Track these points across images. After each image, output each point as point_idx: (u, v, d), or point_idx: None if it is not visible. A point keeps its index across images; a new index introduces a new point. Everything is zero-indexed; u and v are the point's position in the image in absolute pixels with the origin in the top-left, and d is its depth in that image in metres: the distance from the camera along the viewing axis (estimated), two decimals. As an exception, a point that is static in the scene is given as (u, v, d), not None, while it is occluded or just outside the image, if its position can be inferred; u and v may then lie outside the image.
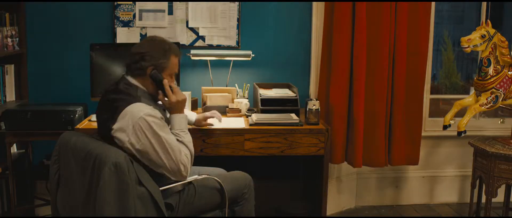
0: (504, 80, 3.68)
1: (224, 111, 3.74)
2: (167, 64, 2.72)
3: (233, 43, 4.09)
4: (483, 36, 3.62)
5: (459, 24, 9.78)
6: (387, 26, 3.94)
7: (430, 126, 4.45)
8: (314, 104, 3.50)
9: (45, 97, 4.05)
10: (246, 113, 3.76)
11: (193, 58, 3.92)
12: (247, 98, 3.97)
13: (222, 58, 3.99)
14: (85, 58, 3.77)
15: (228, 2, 4.04)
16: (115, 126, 2.56)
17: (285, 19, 4.15)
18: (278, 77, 4.16)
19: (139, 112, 2.55)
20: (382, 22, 3.93)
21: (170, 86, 2.74)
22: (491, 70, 3.67)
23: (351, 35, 3.95)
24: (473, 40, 3.62)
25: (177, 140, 2.67)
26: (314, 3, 4.11)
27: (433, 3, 4.20)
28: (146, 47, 2.72)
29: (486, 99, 3.69)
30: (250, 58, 3.97)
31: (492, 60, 3.65)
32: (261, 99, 3.70)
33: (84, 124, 3.48)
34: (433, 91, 4.82)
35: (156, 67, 2.69)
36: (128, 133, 2.54)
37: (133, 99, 2.61)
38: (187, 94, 3.68)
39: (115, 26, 4.01)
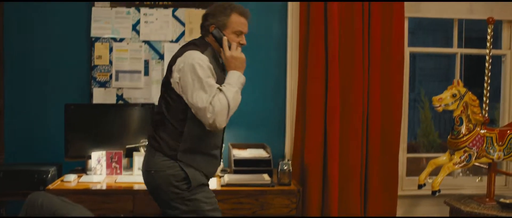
0: (477, 138, 3.70)
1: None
2: (227, 21, 2.83)
3: (209, 103, 4.12)
4: (454, 95, 3.66)
5: (444, 82, 9.91)
6: (360, 85, 4.00)
7: (408, 185, 4.43)
8: (285, 165, 3.51)
9: (22, 156, 4.05)
10: (219, 174, 3.76)
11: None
12: (222, 158, 3.97)
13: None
14: (62, 117, 3.80)
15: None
16: (174, 67, 2.75)
17: (260, 79, 4.20)
18: (254, 137, 4.17)
19: (191, 57, 2.71)
20: (355, 82, 4.01)
21: (234, 45, 2.84)
22: (463, 129, 3.69)
23: (324, 95, 4.00)
24: (444, 100, 3.66)
25: (218, 88, 2.70)
26: (289, 63, 4.17)
27: (406, 63, 4.26)
28: (210, 8, 2.90)
29: (460, 158, 3.70)
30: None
31: (464, 119, 3.69)
32: (234, 160, 3.70)
33: (56, 184, 3.48)
34: (411, 149, 4.83)
35: (217, 25, 2.83)
36: (179, 71, 2.71)
37: (195, 48, 2.79)
38: None
39: (92, 86, 4.05)
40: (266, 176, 3.59)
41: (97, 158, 3.71)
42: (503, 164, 4.45)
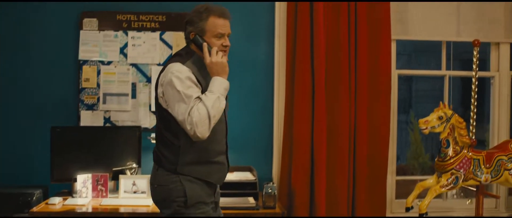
0: (464, 161, 3.69)
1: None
2: (205, 26, 2.74)
3: (196, 125, 4.12)
4: (440, 118, 3.66)
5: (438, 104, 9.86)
6: (347, 108, 4.01)
7: (397, 208, 4.40)
8: (270, 188, 3.50)
9: (7, 178, 4.03)
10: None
11: (153, 141, 3.93)
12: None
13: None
14: (48, 140, 3.80)
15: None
16: (158, 83, 2.75)
17: (248, 101, 4.21)
18: (241, 159, 4.15)
19: (170, 71, 2.67)
20: (341, 105, 4.02)
21: (214, 50, 2.74)
22: (450, 151, 3.69)
23: (311, 117, 4.01)
24: (430, 122, 3.66)
25: (198, 97, 2.64)
26: (276, 85, 4.18)
27: (394, 86, 4.26)
28: (189, 15, 2.81)
29: (447, 180, 3.69)
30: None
31: (451, 141, 3.68)
32: (220, 183, 3.69)
33: (40, 207, 3.47)
34: (401, 172, 4.80)
35: (196, 32, 2.76)
36: (162, 85, 2.71)
37: (178, 59, 2.75)
38: None
39: (80, 109, 4.06)
40: (251, 199, 3.58)
41: (83, 180, 3.70)
42: (493, 186, 4.43)
